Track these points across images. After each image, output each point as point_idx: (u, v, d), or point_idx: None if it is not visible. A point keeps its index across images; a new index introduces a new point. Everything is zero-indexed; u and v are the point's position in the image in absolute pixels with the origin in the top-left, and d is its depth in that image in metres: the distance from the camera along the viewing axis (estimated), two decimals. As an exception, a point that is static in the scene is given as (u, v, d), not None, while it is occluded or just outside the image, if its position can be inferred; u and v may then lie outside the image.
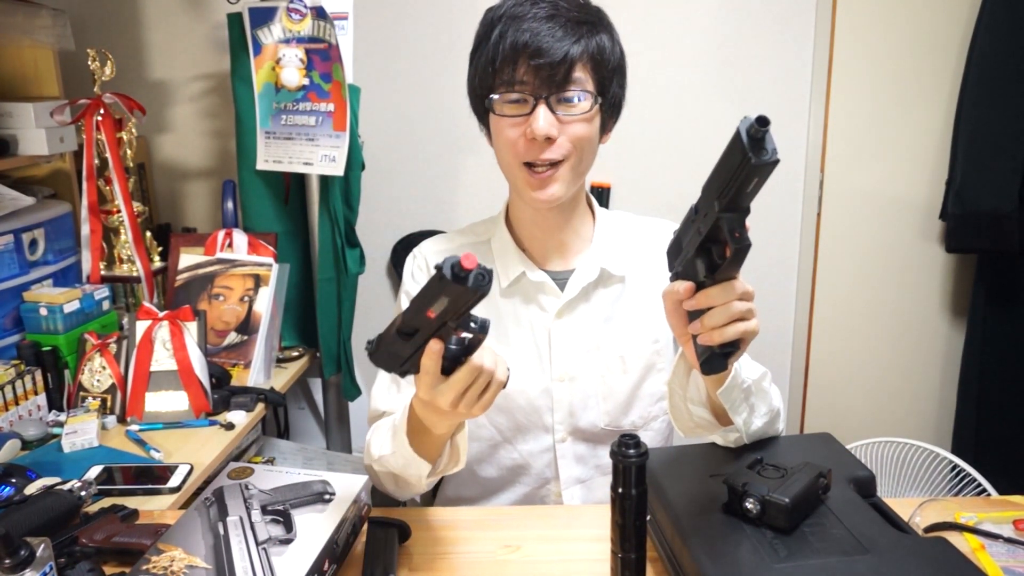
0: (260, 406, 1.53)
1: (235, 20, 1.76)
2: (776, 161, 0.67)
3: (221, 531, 0.84)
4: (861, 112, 2.11)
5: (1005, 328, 2.03)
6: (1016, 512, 0.94)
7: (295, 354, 1.87)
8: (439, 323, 0.75)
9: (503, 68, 1.00)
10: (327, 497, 0.91)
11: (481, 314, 0.77)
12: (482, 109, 1.07)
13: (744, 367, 0.94)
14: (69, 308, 1.49)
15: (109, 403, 1.45)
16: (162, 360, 1.48)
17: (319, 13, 1.69)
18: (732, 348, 0.81)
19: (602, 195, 2.10)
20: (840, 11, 2.05)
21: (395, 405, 1.09)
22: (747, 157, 0.66)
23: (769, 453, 0.86)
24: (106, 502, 1.03)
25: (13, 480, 1.14)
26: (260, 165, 1.80)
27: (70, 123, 1.69)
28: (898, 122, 2.11)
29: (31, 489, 1.12)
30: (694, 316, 0.82)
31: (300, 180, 1.87)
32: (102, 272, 1.74)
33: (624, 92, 1.09)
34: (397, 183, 2.14)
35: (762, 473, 0.82)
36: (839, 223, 2.18)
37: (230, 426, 1.42)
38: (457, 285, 0.68)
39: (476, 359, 0.80)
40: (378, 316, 2.17)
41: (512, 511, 1.10)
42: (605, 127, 1.08)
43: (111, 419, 1.42)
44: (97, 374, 1.47)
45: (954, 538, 0.84)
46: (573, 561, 0.90)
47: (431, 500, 1.29)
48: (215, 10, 2.05)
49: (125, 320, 1.53)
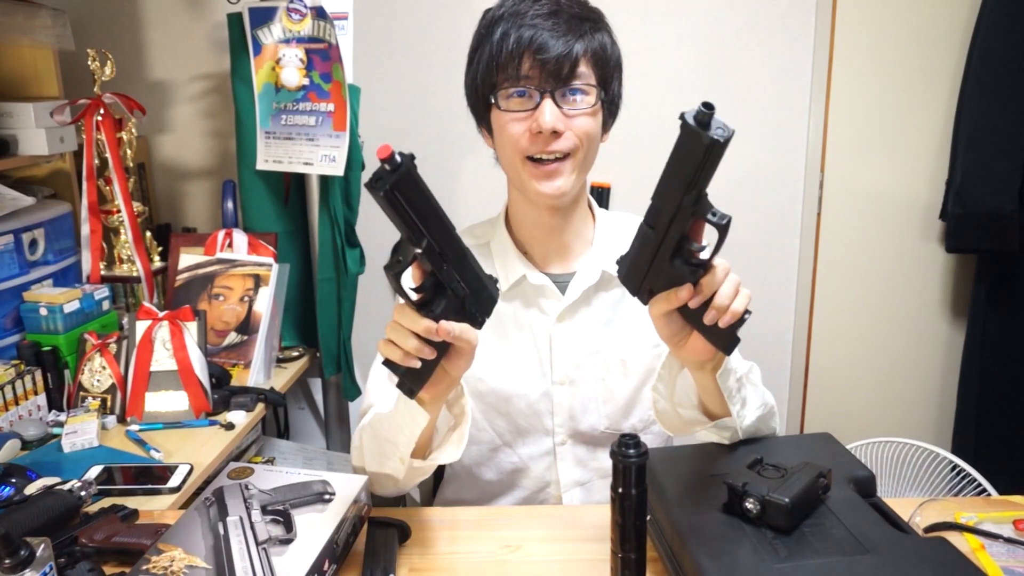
0: (260, 406, 1.53)
1: (235, 20, 1.76)
2: (733, 132, 0.71)
3: (221, 531, 0.84)
4: (861, 112, 2.11)
5: (1005, 328, 2.03)
6: (1016, 512, 0.94)
7: (295, 354, 1.87)
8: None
9: (507, 64, 1.00)
10: (327, 497, 0.91)
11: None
12: (482, 107, 1.07)
13: (731, 359, 0.93)
14: (69, 308, 1.49)
15: (109, 403, 1.45)
16: (162, 360, 1.48)
17: (319, 13, 1.69)
18: (745, 317, 0.82)
19: (602, 195, 2.10)
20: (840, 11, 2.05)
21: (389, 399, 1.08)
22: (712, 139, 0.69)
23: (769, 453, 0.86)
24: (106, 502, 1.03)
25: (13, 480, 1.14)
26: (260, 165, 1.80)
27: (70, 123, 1.68)
28: (898, 122, 2.11)
29: (31, 489, 1.12)
30: (695, 313, 0.82)
31: (300, 180, 1.87)
32: (102, 272, 1.74)
33: (622, 93, 1.09)
34: (397, 183, 2.14)
35: (762, 473, 0.82)
36: (839, 223, 2.18)
37: (230, 426, 1.42)
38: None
39: None
40: (378, 316, 2.17)
41: (512, 511, 1.10)
42: (605, 126, 1.08)
43: (111, 419, 1.42)
44: (97, 374, 1.47)
45: (954, 538, 0.84)
46: (573, 561, 0.90)
47: (430, 503, 1.28)
48: (215, 10, 2.05)
49: (125, 320, 1.53)
